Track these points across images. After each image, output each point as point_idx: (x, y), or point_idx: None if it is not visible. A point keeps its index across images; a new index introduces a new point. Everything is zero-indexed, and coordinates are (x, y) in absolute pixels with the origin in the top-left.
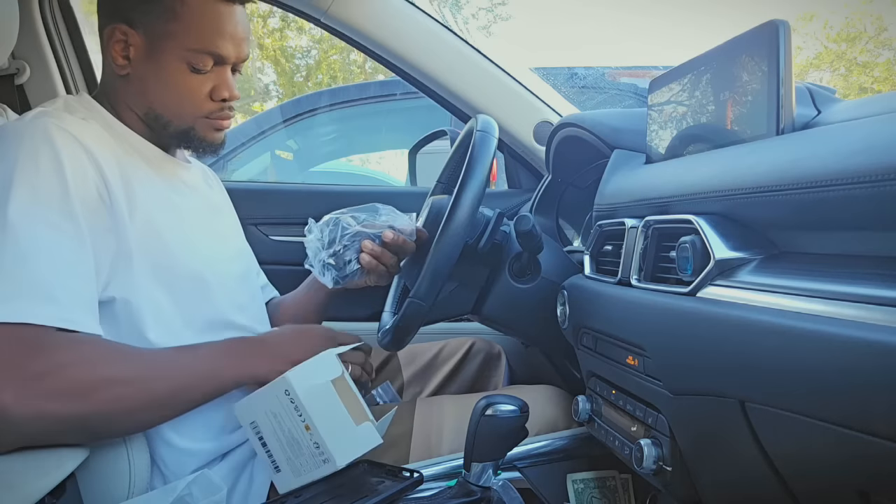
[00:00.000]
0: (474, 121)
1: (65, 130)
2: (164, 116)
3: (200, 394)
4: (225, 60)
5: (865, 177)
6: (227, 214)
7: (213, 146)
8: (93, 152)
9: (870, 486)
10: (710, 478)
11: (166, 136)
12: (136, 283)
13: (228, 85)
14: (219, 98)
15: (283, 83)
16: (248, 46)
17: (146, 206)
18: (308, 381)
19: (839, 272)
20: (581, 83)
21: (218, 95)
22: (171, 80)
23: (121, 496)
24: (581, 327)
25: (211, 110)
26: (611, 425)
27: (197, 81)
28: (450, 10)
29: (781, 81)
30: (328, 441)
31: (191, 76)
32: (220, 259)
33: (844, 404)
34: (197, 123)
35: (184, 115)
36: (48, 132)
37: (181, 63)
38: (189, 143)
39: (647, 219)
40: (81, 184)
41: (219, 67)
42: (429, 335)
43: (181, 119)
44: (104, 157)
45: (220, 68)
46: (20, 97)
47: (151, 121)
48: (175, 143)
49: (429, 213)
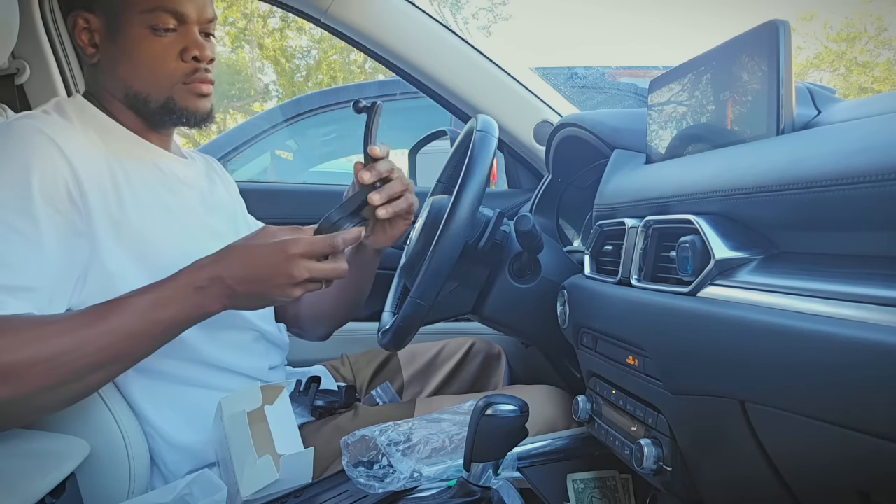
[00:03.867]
0: (474, 121)
1: (41, 132)
2: (141, 92)
3: (146, 344)
4: (186, 18)
5: (865, 177)
6: (226, 210)
7: (200, 115)
8: (69, 154)
9: (870, 486)
10: (710, 477)
11: (151, 115)
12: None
13: (197, 43)
14: (189, 58)
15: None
16: (212, 6)
17: (132, 205)
18: (233, 409)
19: (839, 272)
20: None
21: (188, 55)
22: (137, 49)
23: (121, 496)
24: (581, 327)
25: (185, 72)
26: (611, 425)
27: (162, 45)
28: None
29: (781, 81)
30: (237, 469)
31: (155, 40)
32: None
33: (845, 404)
34: (174, 91)
35: (159, 83)
36: (23, 134)
37: (143, 29)
38: (174, 117)
39: (648, 219)
40: (50, 185)
41: (183, 27)
42: (429, 335)
43: (158, 89)
44: (83, 159)
45: (184, 28)
46: (20, 97)
47: (133, 102)
48: (162, 121)
49: (429, 213)
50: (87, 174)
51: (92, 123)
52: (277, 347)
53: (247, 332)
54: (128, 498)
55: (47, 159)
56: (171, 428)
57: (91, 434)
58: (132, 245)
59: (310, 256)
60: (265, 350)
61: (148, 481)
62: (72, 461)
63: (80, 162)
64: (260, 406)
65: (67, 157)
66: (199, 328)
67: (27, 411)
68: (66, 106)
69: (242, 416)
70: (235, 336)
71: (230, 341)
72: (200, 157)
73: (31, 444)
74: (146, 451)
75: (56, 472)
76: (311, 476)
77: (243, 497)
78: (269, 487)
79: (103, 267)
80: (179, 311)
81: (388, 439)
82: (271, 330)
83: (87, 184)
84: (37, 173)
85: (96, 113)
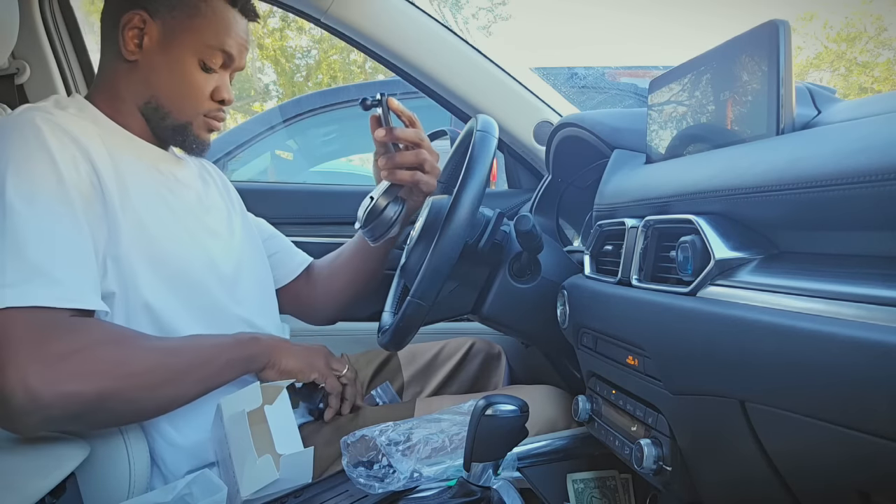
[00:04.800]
0: (474, 121)
1: (52, 121)
2: (164, 108)
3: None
4: (232, 62)
5: (865, 176)
6: (221, 210)
7: (203, 146)
8: (82, 143)
9: (870, 486)
10: (710, 478)
11: (162, 129)
12: (132, 276)
13: (228, 88)
14: (218, 98)
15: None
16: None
17: (137, 202)
18: (233, 409)
19: (839, 272)
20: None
21: (218, 96)
22: (182, 72)
23: (121, 496)
24: (581, 327)
25: (209, 109)
26: (611, 425)
27: (203, 79)
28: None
29: (781, 81)
30: (237, 469)
31: (199, 73)
32: (210, 255)
33: (845, 404)
34: (195, 120)
35: (185, 109)
36: (35, 123)
37: (194, 58)
38: (183, 139)
39: (647, 219)
40: (73, 171)
41: (223, 70)
42: (429, 335)
43: (182, 113)
44: (94, 148)
45: (223, 71)
46: (20, 97)
47: (150, 111)
48: (169, 138)
49: (429, 213)
50: (100, 163)
51: (91, 121)
52: None
53: (247, 331)
54: (128, 498)
55: (65, 147)
56: (170, 428)
57: (91, 434)
58: (139, 239)
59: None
60: None
61: (148, 481)
62: (72, 461)
63: (94, 150)
64: (260, 406)
65: (81, 145)
66: (199, 327)
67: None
68: (64, 102)
69: (242, 416)
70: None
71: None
72: (193, 159)
73: (31, 445)
74: (146, 451)
75: (56, 472)
76: (311, 476)
77: (243, 497)
78: (269, 487)
79: (116, 257)
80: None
81: (388, 439)
82: (272, 328)
83: (102, 172)
84: (60, 160)
85: (95, 112)
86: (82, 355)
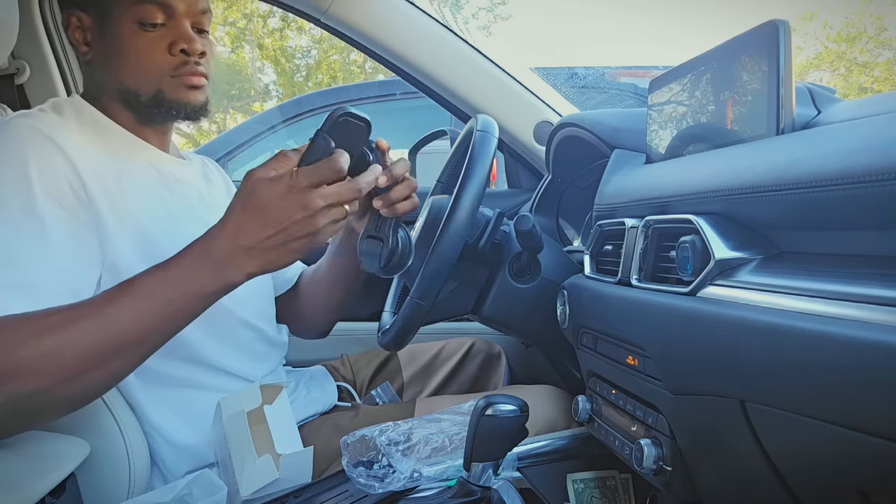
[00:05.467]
0: (474, 121)
1: (37, 130)
2: (132, 87)
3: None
4: (174, 12)
5: (865, 176)
6: (222, 209)
7: (192, 106)
8: (67, 151)
9: (870, 486)
10: (710, 477)
11: (143, 109)
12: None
13: (186, 36)
14: (177, 51)
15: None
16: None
17: (135, 204)
18: (232, 409)
19: (839, 272)
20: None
21: (176, 48)
22: (126, 44)
23: (121, 496)
24: (581, 327)
25: (173, 65)
26: (611, 425)
27: (150, 38)
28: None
29: (781, 81)
30: (237, 469)
31: (142, 34)
32: None
33: (845, 404)
34: (164, 84)
35: (147, 76)
36: (19, 132)
37: (131, 24)
38: (165, 109)
39: (647, 219)
40: (51, 182)
41: (172, 21)
42: (429, 335)
43: (147, 82)
44: (82, 156)
45: (173, 22)
46: (20, 97)
47: (126, 97)
48: (155, 115)
49: (429, 213)
50: (88, 171)
51: (90, 123)
52: (277, 348)
53: (247, 333)
54: (128, 498)
55: (45, 156)
56: (170, 428)
57: (91, 434)
58: (137, 242)
59: (316, 185)
60: (265, 350)
61: (148, 481)
62: (72, 461)
63: (80, 159)
64: (259, 406)
65: (66, 153)
66: (199, 328)
67: (56, 404)
68: (63, 105)
69: (242, 416)
70: (235, 336)
71: (230, 341)
72: (197, 157)
73: (31, 444)
74: (146, 451)
75: (56, 472)
76: (311, 476)
77: (243, 497)
78: (269, 487)
79: (114, 265)
80: (197, 288)
81: (388, 439)
82: (271, 330)
83: (88, 180)
84: (35, 170)
85: (94, 112)
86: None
